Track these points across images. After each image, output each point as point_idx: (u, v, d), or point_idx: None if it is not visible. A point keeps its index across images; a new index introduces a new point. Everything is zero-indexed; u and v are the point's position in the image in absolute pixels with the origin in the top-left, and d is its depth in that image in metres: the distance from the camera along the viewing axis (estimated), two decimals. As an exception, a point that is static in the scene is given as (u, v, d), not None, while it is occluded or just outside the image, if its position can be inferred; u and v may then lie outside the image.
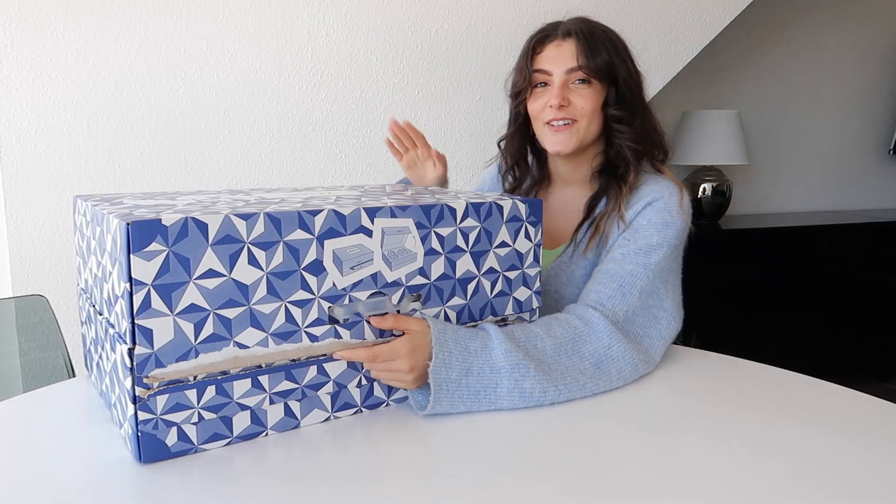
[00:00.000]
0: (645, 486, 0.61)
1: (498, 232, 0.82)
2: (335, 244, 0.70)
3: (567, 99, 1.02)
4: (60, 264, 1.59)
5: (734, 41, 2.72)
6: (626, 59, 1.04)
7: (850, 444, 0.69)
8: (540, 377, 0.79)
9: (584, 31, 1.02)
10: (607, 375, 0.84)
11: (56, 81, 1.54)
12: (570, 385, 0.81)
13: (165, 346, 0.62)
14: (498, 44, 1.85)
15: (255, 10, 1.65)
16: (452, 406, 0.77)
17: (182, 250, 0.62)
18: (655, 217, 0.98)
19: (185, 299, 0.62)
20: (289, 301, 0.68)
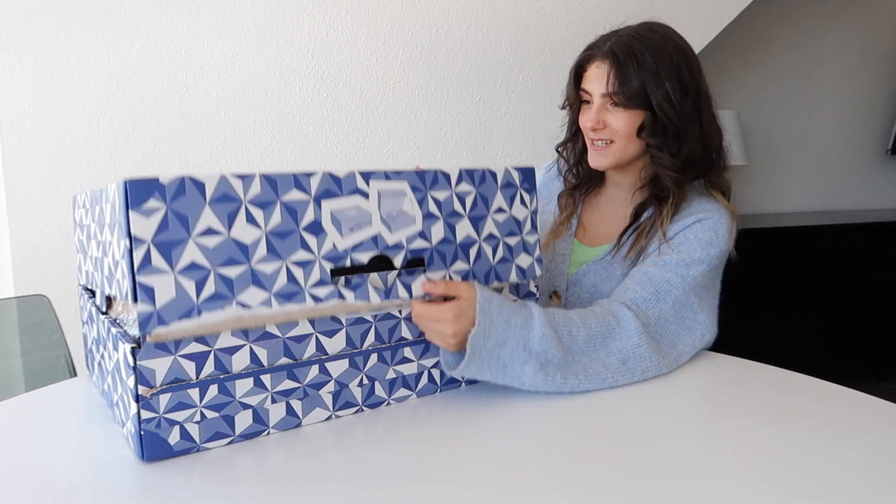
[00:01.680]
0: (644, 486, 0.61)
1: (493, 198, 0.83)
2: (332, 205, 0.71)
3: (603, 122, 1.03)
4: (62, 264, 1.59)
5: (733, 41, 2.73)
6: (669, 80, 0.99)
7: (850, 444, 0.69)
8: (566, 366, 0.82)
9: (622, 52, 1.00)
10: (630, 373, 0.86)
11: (57, 82, 1.54)
12: (591, 377, 0.83)
13: (168, 305, 0.62)
14: (498, 44, 1.86)
15: (256, 10, 1.65)
16: (479, 372, 0.80)
17: (180, 208, 0.62)
18: (702, 234, 0.99)
19: (185, 257, 0.62)
20: (290, 261, 0.68)
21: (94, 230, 0.74)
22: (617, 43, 1.01)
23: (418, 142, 1.84)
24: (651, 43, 1.01)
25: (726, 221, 1.02)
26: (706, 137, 1.03)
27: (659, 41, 1.01)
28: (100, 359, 0.78)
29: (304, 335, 0.71)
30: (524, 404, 0.81)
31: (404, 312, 0.78)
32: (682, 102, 1.00)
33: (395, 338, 0.78)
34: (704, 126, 1.03)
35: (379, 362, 0.77)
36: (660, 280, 0.95)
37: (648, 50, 1.00)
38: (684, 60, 1.02)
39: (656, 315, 0.92)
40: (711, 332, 0.99)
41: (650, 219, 1.04)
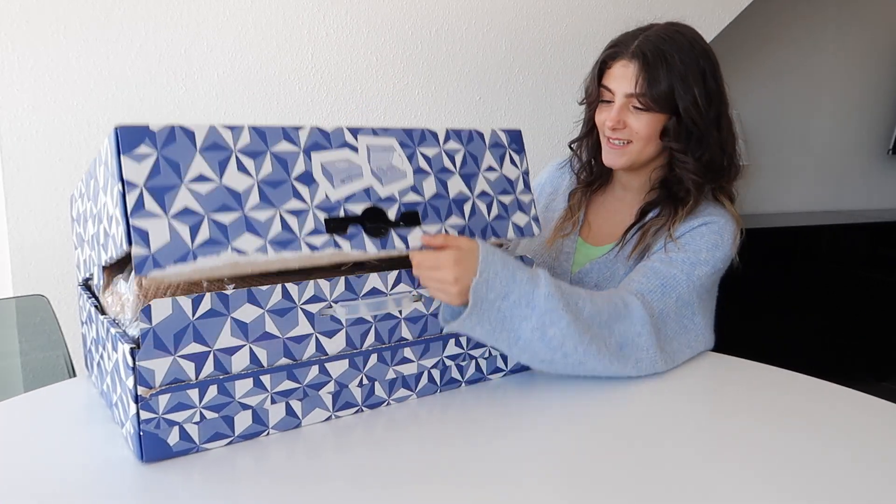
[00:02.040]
0: (645, 486, 0.61)
1: (483, 156, 0.84)
2: (322, 157, 0.71)
3: (623, 122, 1.02)
4: (61, 264, 1.59)
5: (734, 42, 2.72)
6: (696, 85, 0.98)
7: (850, 444, 0.69)
8: (567, 330, 0.79)
9: (651, 54, 0.98)
10: (626, 360, 0.85)
11: (57, 82, 1.54)
12: (588, 350, 0.81)
13: (162, 249, 0.62)
14: (498, 44, 1.85)
15: (256, 10, 1.65)
16: (479, 324, 0.77)
17: (171, 154, 0.63)
18: (709, 236, 1.00)
19: (178, 202, 0.63)
20: (283, 209, 0.68)
21: (89, 209, 0.74)
22: (645, 43, 1.00)
23: (418, 142, 1.84)
24: (681, 46, 0.99)
25: (732, 227, 1.03)
26: (724, 143, 1.03)
27: (687, 45, 1.00)
28: (99, 359, 0.77)
29: (304, 335, 0.71)
30: (524, 405, 0.80)
31: (404, 313, 0.78)
32: (707, 108, 0.99)
33: (394, 338, 0.78)
34: (723, 132, 1.03)
35: (379, 363, 0.77)
36: (666, 275, 0.95)
37: (678, 53, 0.98)
38: (710, 66, 1.01)
39: (660, 308, 0.92)
40: (707, 339, 0.99)
41: (657, 218, 1.04)
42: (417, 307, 0.78)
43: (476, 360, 0.85)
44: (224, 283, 0.69)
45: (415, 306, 0.78)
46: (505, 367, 0.88)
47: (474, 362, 0.85)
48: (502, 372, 0.88)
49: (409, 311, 0.78)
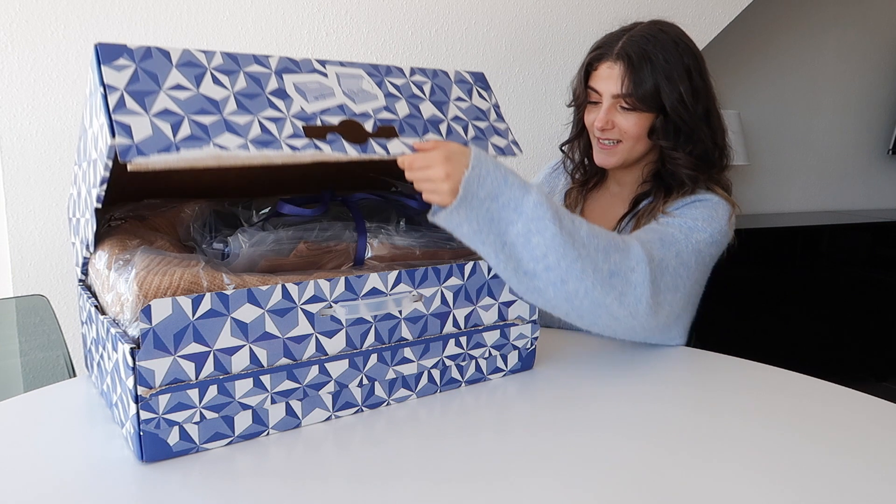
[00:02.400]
0: (643, 486, 0.61)
1: (450, 89, 0.86)
2: (294, 78, 0.74)
3: (611, 122, 1.04)
4: (61, 264, 1.59)
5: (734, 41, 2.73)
6: (682, 82, 0.99)
7: (850, 444, 0.69)
8: (551, 242, 0.78)
9: (635, 54, 0.99)
10: (611, 289, 0.83)
11: (57, 81, 1.54)
12: (572, 266, 0.79)
13: (145, 141, 0.63)
14: (498, 44, 1.85)
15: (256, 10, 1.65)
16: (467, 219, 0.77)
17: (148, 67, 0.66)
18: (704, 211, 1.00)
19: (157, 104, 0.65)
20: (261, 116, 0.70)
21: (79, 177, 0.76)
22: (630, 44, 1.01)
23: (418, 142, 1.84)
24: (664, 45, 1.00)
25: (726, 207, 1.03)
26: (714, 136, 1.04)
27: (671, 43, 1.01)
28: (99, 359, 0.77)
29: (304, 335, 0.71)
30: (524, 405, 0.80)
31: (404, 313, 0.78)
32: (694, 104, 1.00)
33: (394, 338, 0.78)
34: (713, 125, 1.04)
35: (379, 363, 0.77)
36: (664, 233, 0.95)
37: (662, 52, 0.99)
38: (694, 62, 1.02)
39: (660, 257, 0.90)
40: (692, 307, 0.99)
41: (649, 205, 1.06)
42: (417, 307, 0.78)
43: (476, 360, 0.85)
44: (224, 283, 0.69)
45: (415, 306, 0.78)
46: (505, 367, 0.89)
47: (474, 362, 0.85)
48: (502, 372, 0.88)
49: (409, 311, 0.78)
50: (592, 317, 0.85)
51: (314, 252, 0.78)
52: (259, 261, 0.76)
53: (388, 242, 0.83)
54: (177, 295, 0.64)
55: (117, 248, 0.74)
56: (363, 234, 0.82)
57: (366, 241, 0.81)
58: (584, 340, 1.04)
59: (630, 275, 0.84)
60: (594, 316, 0.85)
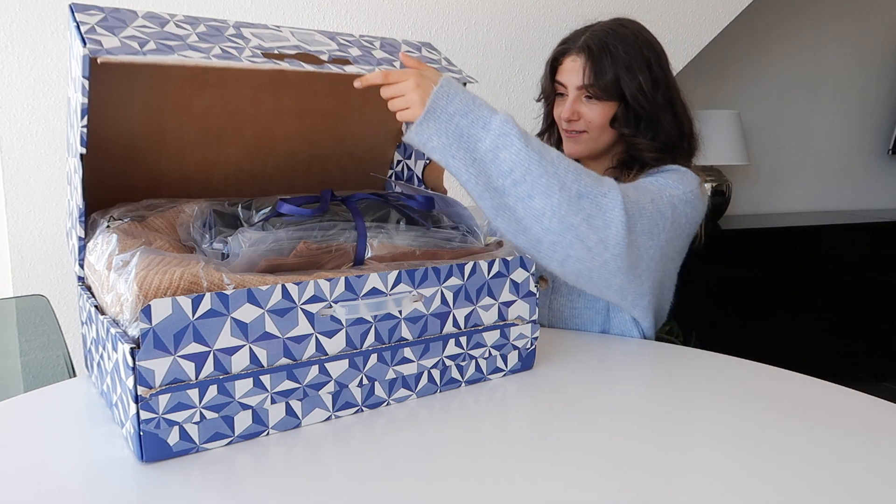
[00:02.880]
0: (643, 486, 0.61)
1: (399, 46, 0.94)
2: (251, 30, 0.83)
3: (577, 112, 1.09)
4: (61, 264, 1.59)
5: (734, 41, 2.73)
6: (641, 72, 1.05)
7: (850, 444, 0.69)
8: (517, 156, 0.82)
9: (596, 47, 1.06)
10: (579, 211, 0.85)
11: (57, 81, 1.54)
12: (537, 182, 0.82)
13: (114, 48, 0.69)
14: (498, 44, 1.85)
15: (256, 9, 1.65)
16: (436, 132, 0.81)
17: (117, 15, 0.75)
18: (673, 175, 1.05)
19: (125, 33, 0.73)
20: (220, 45, 0.77)
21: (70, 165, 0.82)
22: (591, 37, 1.07)
23: (418, 142, 1.84)
24: (624, 38, 1.07)
25: (693, 176, 1.06)
26: (680, 125, 1.10)
27: (631, 36, 1.07)
28: (99, 359, 0.77)
29: (304, 335, 0.71)
30: (524, 405, 0.80)
31: (404, 313, 0.78)
32: (653, 94, 1.06)
33: (394, 338, 0.78)
34: (678, 114, 1.10)
35: (379, 363, 0.77)
36: (637, 185, 0.99)
37: (621, 44, 1.06)
38: (654, 55, 1.08)
39: (634, 197, 0.92)
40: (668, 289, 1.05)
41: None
42: (417, 307, 0.78)
43: (476, 360, 0.85)
44: (224, 283, 0.69)
45: (415, 306, 0.78)
46: (505, 367, 0.89)
47: (474, 362, 0.85)
48: (502, 372, 0.88)
49: (409, 311, 0.78)
50: (564, 245, 0.86)
51: (314, 252, 0.78)
52: (259, 261, 0.76)
53: (388, 242, 0.83)
54: (176, 295, 0.64)
55: (117, 249, 0.74)
56: (363, 234, 0.82)
57: (366, 242, 0.81)
58: (585, 340, 1.04)
59: (601, 200, 0.86)
60: (566, 243, 0.86)
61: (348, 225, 0.82)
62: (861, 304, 2.66)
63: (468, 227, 0.93)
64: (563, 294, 1.15)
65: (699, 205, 1.05)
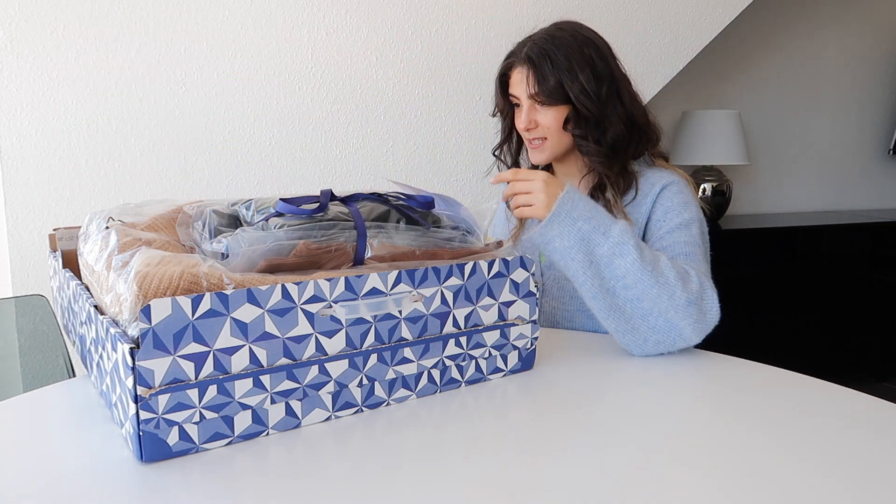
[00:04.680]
0: (645, 486, 0.61)
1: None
2: None
3: (534, 121, 1.12)
4: (60, 264, 1.59)
5: (734, 41, 2.73)
6: (582, 72, 1.07)
7: (850, 444, 0.69)
8: (634, 267, 0.90)
9: (536, 55, 1.08)
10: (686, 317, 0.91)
11: (56, 81, 1.54)
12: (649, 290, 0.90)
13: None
14: (498, 44, 1.85)
15: (256, 9, 1.65)
16: (559, 234, 0.92)
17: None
18: (675, 198, 1.08)
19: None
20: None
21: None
22: (531, 47, 1.10)
23: (418, 142, 1.84)
24: (562, 42, 1.09)
25: (686, 183, 1.12)
26: (630, 116, 1.11)
27: (569, 38, 1.09)
28: (98, 359, 0.77)
29: (304, 335, 0.71)
30: (524, 405, 0.80)
31: (404, 313, 0.78)
32: (597, 91, 1.08)
33: (394, 338, 0.78)
34: (626, 106, 1.11)
35: (379, 363, 0.77)
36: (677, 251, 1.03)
37: (560, 49, 1.08)
38: (595, 50, 1.09)
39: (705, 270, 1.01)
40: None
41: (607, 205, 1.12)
42: (417, 307, 0.78)
43: (476, 360, 0.85)
44: (223, 282, 0.69)
45: (415, 306, 0.78)
46: (505, 367, 0.88)
47: (474, 362, 0.85)
48: (502, 372, 0.88)
49: (409, 311, 0.78)
50: (668, 344, 0.94)
51: (314, 252, 0.78)
52: (258, 261, 0.75)
53: (388, 242, 0.83)
54: (176, 295, 0.64)
55: (116, 249, 0.74)
56: (363, 234, 0.82)
57: (366, 242, 0.81)
58: (585, 340, 1.04)
59: (704, 304, 0.94)
60: (669, 343, 0.94)
61: (348, 225, 0.82)
62: (861, 304, 2.66)
63: (468, 228, 0.93)
64: (555, 297, 1.15)
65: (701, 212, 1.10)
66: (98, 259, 0.76)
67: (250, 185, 1.72)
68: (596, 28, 1.14)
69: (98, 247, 0.78)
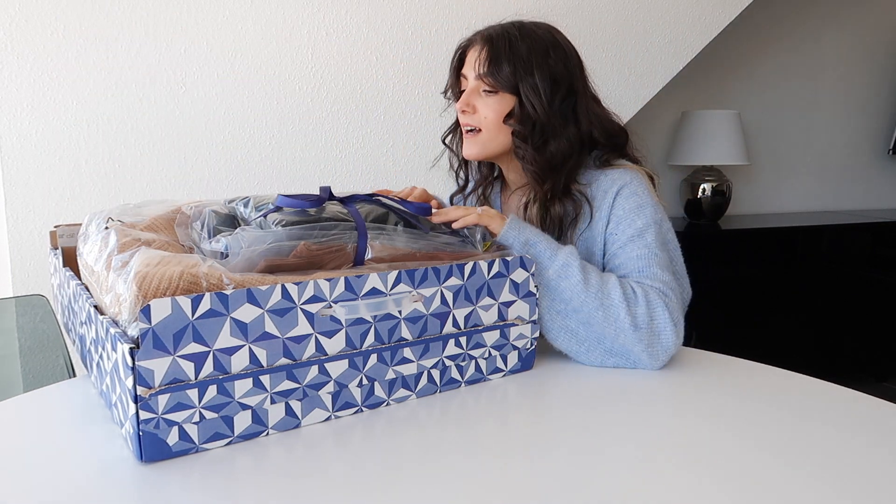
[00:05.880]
0: (645, 486, 0.61)
1: None
2: None
3: (473, 106, 1.03)
4: (60, 264, 1.59)
5: (734, 41, 2.72)
6: (539, 70, 0.98)
7: (850, 444, 0.69)
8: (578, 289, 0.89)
9: (498, 37, 1.01)
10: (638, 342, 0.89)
11: (56, 81, 1.54)
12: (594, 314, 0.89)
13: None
14: (498, 44, 1.85)
15: (255, 9, 1.65)
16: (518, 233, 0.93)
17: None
18: (627, 204, 0.98)
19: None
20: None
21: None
22: (496, 28, 1.04)
23: (418, 141, 1.84)
24: (530, 33, 1.01)
25: (639, 179, 1.01)
26: (581, 138, 1.01)
27: (539, 34, 1.01)
28: (98, 359, 0.77)
29: (304, 335, 0.71)
30: (523, 405, 0.80)
31: (404, 313, 0.78)
32: (550, 96, 0.98)
33: (394, 338, 0.78)
34: (581, 126, 1.01)
35: (378, 363, 0.77)
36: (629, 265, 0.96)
37: (525, 39, 1.00)
38: (562, 57, 1.01)
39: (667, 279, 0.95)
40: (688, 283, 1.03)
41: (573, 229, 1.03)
42: (417, 307, 0.78)
43: (476, 361, 0.85)
44: (223, 283, 0.69)
45: (415, 306, 0.78)
46: (505, 367, 0.88)
47: (474, 362, 0.85)
48: (502, 372, 0.88)
49: (409, 311, 0.78)
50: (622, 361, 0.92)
51: (314, 253, 0.78)
52: (258, 261, 0.75)
53: (389, 245, 0.83)
54: (176, 295, 0.64)
55: (116, 249, 0.74)
56: (363, 234, 0.82)
57: (366, 243, 0.81)
58: (584, 340, 1.04)
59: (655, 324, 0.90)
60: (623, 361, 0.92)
61: (348, 225, 0.82)
62: (861, 304, 2.66)
63: (465, 234, 0.93)
64: None
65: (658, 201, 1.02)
66: (98, 259, 0.76)
67: (250, 185, 1.72)
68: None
69: (98, 247, 0.78)
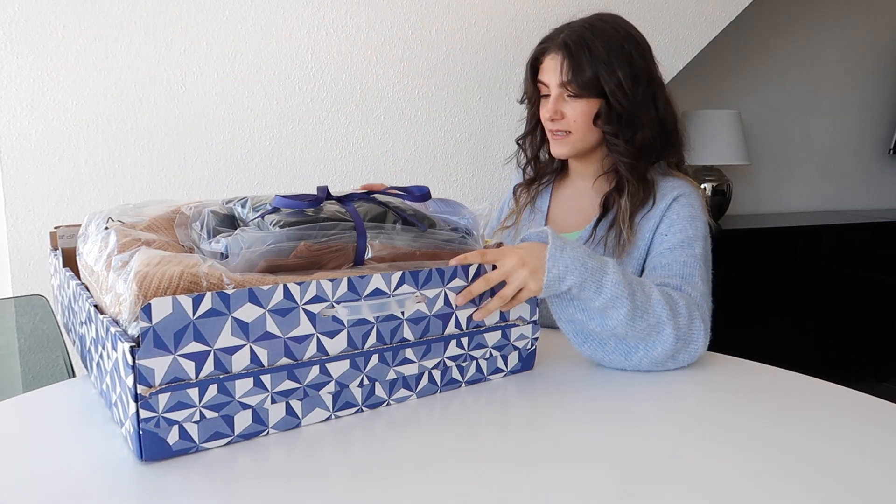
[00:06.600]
0: (644, 485, 0.61)
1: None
2: None
3: (560, 112, 1.07)
4: (60, 264, 1.59)
5: (734, 41, 2.73)
6: (621, 68, 1.02)
7: (850, 445, 0.69)
8: (626, 319, 0.85)
9: (574, 43, 1.03)
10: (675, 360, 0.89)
11: (56, 81, 1.53)
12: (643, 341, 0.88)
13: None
14: (498, 44, 1.85)
15: (255, 9, 1.64)
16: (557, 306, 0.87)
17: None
18: (683, 211, 1.03)
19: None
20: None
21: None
22: (569, 34, 1.05)
23: (418, 142, 1.84)
24: (602, 33, 1.04)
25: (697, 194, 1.07)
26: (662, 121, 1.07)
27: (610, 31, 1.04)
28: (98, 359, 0.77)
29: (306, 335, 0.71)
30: (524, 405, 0.80)
31: (407, 314, 0.78)
32: (633, 89, 1.03)
33: (396, 339, 0.77)
34: (660, 110, 1.07)
35: (380, 363, 0.76)
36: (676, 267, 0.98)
37: (600, 39, 1.03)
38: (636, 48, 1.05)
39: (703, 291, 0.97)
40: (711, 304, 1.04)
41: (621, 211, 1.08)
42: (420, 308, 0.78)
43: (477, 361, 0.85)
44: (223, 283, 0.69)
45: (417, 307, 0.78)
46: (505, 368, 0.88)
47: (475, 363, 0.85)
48: (502, 372, 0.88)
49: (412, 311, 0.78)
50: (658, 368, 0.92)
51: (314, 253, 0.78)
52: (258, 261, 0.75)
53: (389, 244, 0.83)
54: (176, 294, 0.64)
55: (116, 249, 0.74)
56: (363, 234, 0.82)
57: (366, 242, 0.81)
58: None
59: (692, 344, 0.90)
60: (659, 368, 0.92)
61: (348, 225, 0.82)
62: (861, 304, 2.66)
63: (467, 230, 0.93)
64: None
65: (708, 227, 1.06)
66: (97, 259, 0.76)
67: (250, 185, 1.72)
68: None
69: (97, 247, 0.78)
